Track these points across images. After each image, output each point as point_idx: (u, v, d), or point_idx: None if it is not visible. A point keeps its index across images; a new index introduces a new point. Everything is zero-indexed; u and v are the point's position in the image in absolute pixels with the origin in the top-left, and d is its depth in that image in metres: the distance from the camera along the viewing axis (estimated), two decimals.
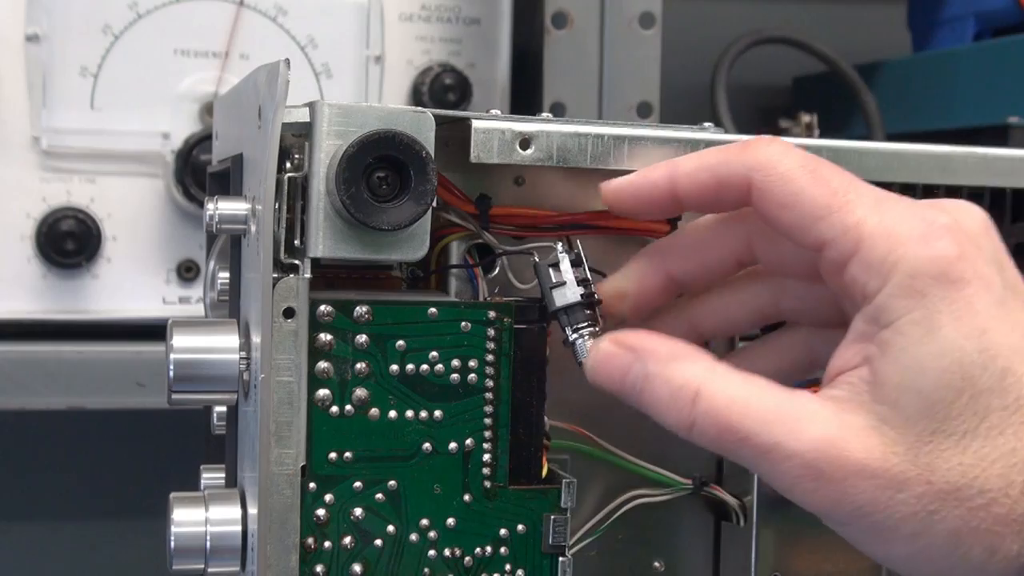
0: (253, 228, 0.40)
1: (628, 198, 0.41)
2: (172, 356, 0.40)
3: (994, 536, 0.35)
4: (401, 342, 0.41)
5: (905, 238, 0.36)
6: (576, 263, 0.41)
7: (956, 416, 0.35)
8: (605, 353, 0.40)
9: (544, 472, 0.43)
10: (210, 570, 0.40)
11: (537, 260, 0.42)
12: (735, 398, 0.37)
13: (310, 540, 0.40)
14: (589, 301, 0.41)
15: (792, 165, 0.38)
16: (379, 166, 0.38)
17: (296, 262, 0.39)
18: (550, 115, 0.43)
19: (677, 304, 0.43)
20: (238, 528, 0.40)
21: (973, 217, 0.37)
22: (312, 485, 0.40)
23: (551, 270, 0.41)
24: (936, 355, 0.35)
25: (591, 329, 0.41)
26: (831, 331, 0.40)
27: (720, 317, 0.43)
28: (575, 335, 0.41)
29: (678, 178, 0.40)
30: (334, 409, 0.40)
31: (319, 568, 0.40)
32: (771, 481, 0.37)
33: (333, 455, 0.40)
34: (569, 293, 0.41)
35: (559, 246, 0.42)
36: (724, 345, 0.46)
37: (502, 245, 0.43)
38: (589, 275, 0.41)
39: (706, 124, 0.44)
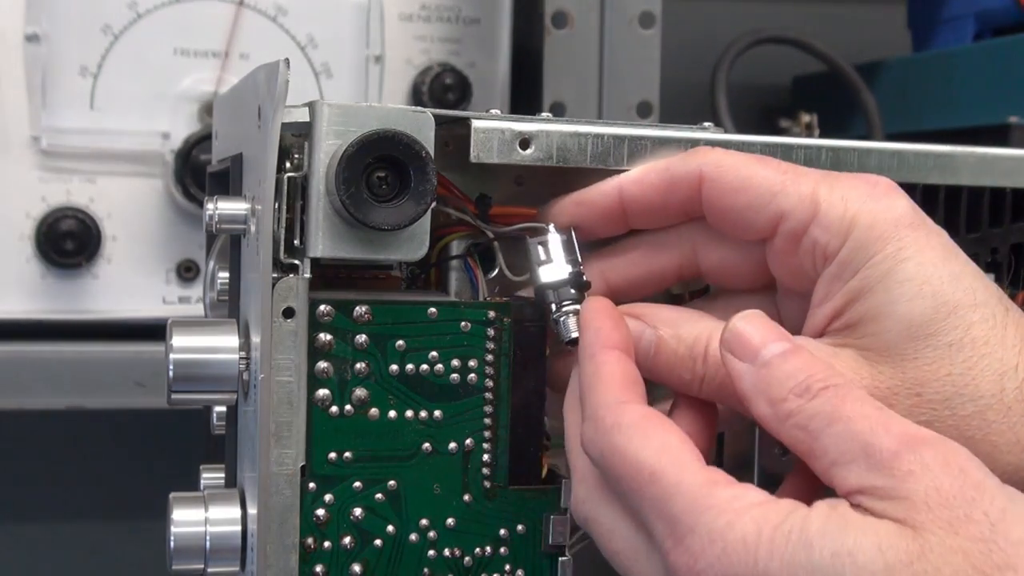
0: (253, 228, 0.40)
1: (572, 207, 0.42)
2: (172, 356, 0.40)
3: (991, 447, 0.36)
4: (401, 342, 0.41)
5: (859, 197, 0.38)
6: (568, 246, 0.41)
7: (939, 331, 0.36)
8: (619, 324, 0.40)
9: (544, 472, 0.43)
10: (210, 570, 0.40)
11: (529, 239, 0.42)
12: None
13: (310, 540, 0.40)
14: (577, 281, 0.41)
15: (739, 156, 0.40)
16: (379, 166, 0.38)
17: (296, 262, 0.39)
18: (550, 115, 0.43)
19: None
20: (238, 528, 0.40)
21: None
22: (312, 485, 0.40)
23: (540, 248, 0.41)
24: (904, 280, 0.37)
25: (576, 308, 0.41)
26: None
27: None
28: (560, 312, 0.41)
29: (625, 184, 0.41)
30: (334, 409, 0.40)
31: (319, 568, 0.40)
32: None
33: (333, 455, 0.40)
34: (557, 270, 0.41)
35: (551, 227, 0.42)
36: None
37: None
38: (580, 257, 0.41)
39: (706, 124, 0.44)
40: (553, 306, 0.41)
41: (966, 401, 0.36)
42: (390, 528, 0.41)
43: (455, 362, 0.41)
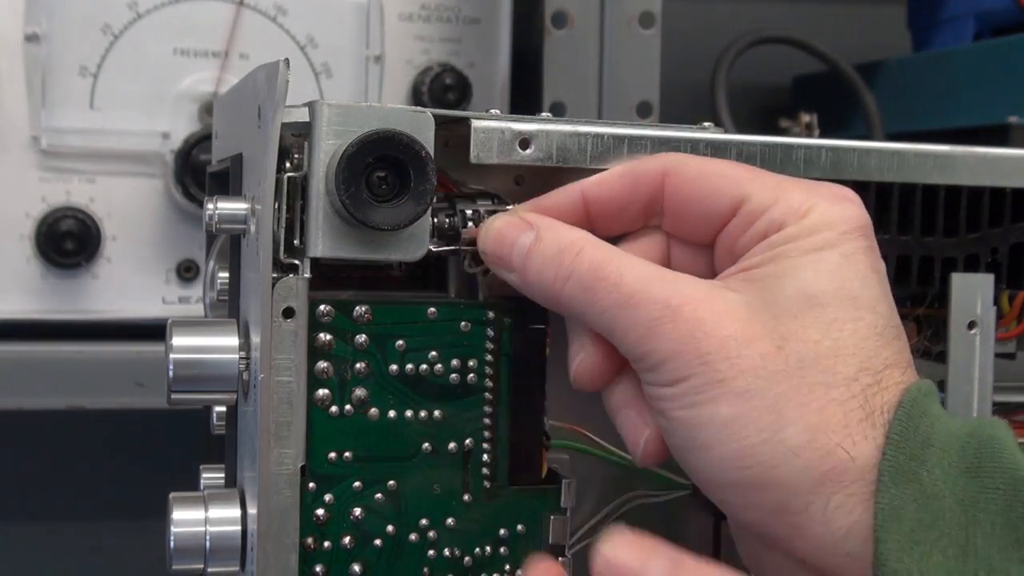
0: (252, 228, 0.40)
1: (534, 207, 0.41)
2: (172, 356, 0.40)
3: (818, 422, 0.36)
4: (401, 342, 0.41)
5: (821, 194, 0.39)
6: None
7: (829, 307, 0.37)
8: (503, 222, 0.41)
9: (544, 472, 0.43)
10: (210, 570, 0.40)
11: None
12: (614, 257, 0.39)
13: (310, 540, 0.40)
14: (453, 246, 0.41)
15: (701, 156, 0.41)
16: (379, 166, 0.38)
17: (296, 262, 0.39)
18: (550, 115, 0.43)
19: None
20: (238, 528, 0.40)
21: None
22: (312, 485, 0.40)
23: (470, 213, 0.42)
24: (824, 261, 0.38)
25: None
26: None
27: None
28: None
29: (588, 186, 0.41)
30: (334, 409, 0.40)
31: (319, 568, 0.40)
32: (630, 325, 0.38)
33: (333, 455, 0.40)
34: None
35: (511, 207, 0.42)
36: None
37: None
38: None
39: (706, 124, 0.44)
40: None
41: (818, 371, 0.36)
42: (390, 528, 0.41)
43: (455, 362, 0.41)
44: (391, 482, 0.41)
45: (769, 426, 0.36)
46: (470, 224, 0.41)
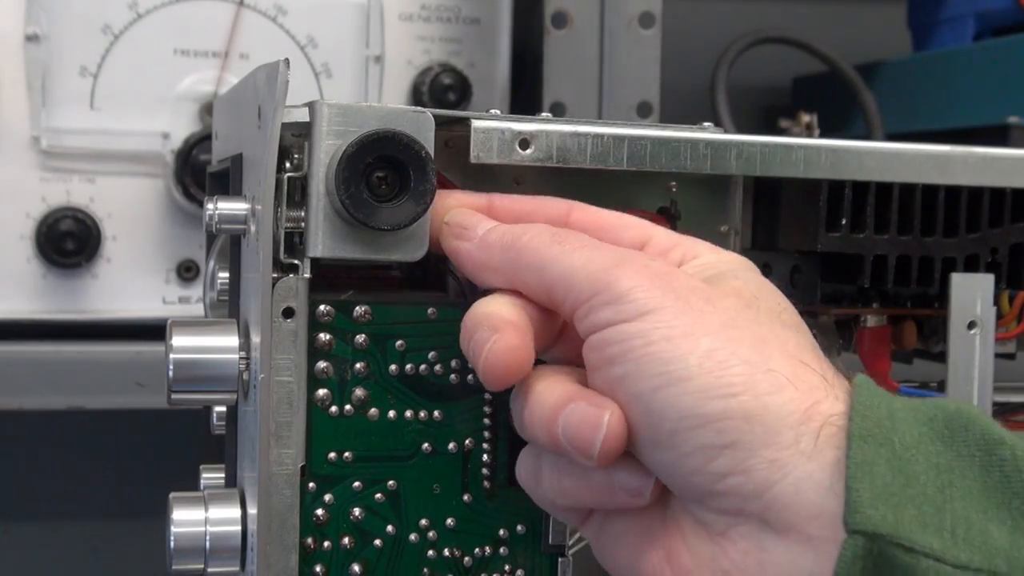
0: (253, 228, 0.40)
1: (452, 201, 0.42)
2: (172, 356, 0.40)
3: (799, 361, 0.36)
4: (400, 342, 0.41)
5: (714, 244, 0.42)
6: None
7: (769, 300, 0.39)
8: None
9: None
10: (210, 570, 0.40)
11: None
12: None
13: (310, 540, 0.40)
14: None
15: None
16: (379, 166, 0.38)
17: (296, 262, 0.39)
18: (550, 115, 0.43)
19: None
20: (238, 528, 0.40)
21: None
22: (312, 485, 0.40)
23: None
24: (743, 275, 0.40)
25: None
26: None
27: None
28: None
29: (495, 194, 0.42)
30: (333, 409, 0.40)
31: (319, 568, 0.40)
32: (596, 258, 0.37)
33: (332, 455, 0.40)
34: None
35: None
36: None
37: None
38: None
39: (706, 124, 0.45)
40: None
41: (788, 329, 0.37)
42: (390, 528, 0.41)
43: (455, 362, 0.41)
44: (391, 482, 0.41)
45: (753, 358, 0.35)
46: None
